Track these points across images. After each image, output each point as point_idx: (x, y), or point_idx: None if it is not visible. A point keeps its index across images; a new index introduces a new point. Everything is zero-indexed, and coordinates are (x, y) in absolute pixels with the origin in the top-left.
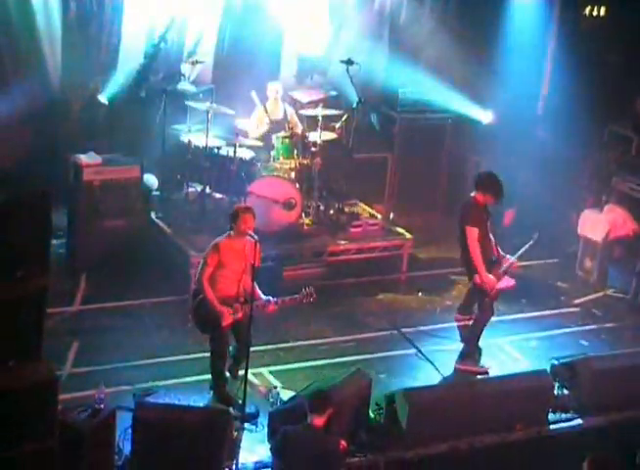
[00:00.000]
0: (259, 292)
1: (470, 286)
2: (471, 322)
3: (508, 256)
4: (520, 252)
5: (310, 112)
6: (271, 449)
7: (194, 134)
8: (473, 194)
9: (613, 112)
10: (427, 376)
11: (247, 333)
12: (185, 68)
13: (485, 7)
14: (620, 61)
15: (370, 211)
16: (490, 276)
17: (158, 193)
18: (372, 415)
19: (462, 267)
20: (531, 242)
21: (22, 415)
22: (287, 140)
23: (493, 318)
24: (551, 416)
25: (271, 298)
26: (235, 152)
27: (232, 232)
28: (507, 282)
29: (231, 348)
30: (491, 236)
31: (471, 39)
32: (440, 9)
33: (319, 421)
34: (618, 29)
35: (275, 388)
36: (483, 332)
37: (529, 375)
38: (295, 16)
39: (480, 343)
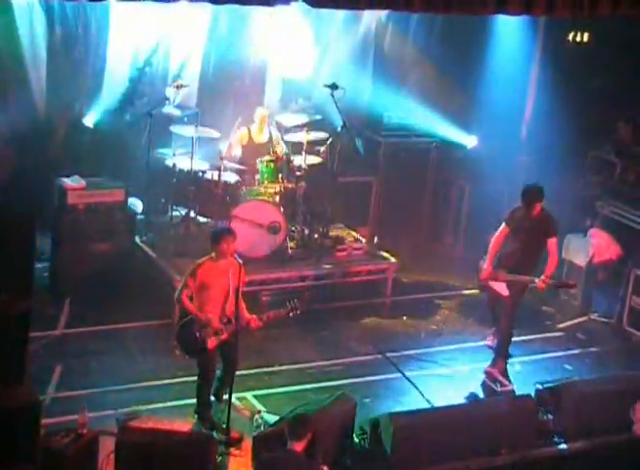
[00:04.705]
0: (244, 310)
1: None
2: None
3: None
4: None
5: (295, 136)
6: None
7: (179, 158)
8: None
9: (596, 137)
10: (411, 400)
11: (234, 355)
12: (170, 91)
13: (469, 32)
14: (603, 86)
15: (354, 234)
16: (489, 268)
17: (142, 216)
18: (356, 440)
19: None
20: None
21: (4, 440)
22: (271, 164)
23: (478, 343)
24: (535, 440)
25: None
26: (220, 175)
27: (214, 254)
28: (500, 288)
29: (218, 371)
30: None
31: (455, 64)
32: (425, 34)
33: (298, 446)
34: (602, 55)
35: (259, 412)
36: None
37: (514, 399)
38: (279, 40)
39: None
